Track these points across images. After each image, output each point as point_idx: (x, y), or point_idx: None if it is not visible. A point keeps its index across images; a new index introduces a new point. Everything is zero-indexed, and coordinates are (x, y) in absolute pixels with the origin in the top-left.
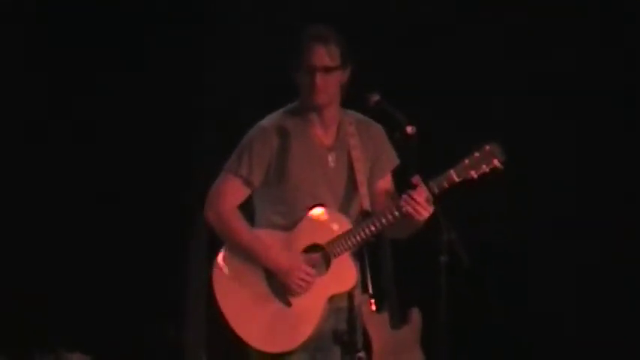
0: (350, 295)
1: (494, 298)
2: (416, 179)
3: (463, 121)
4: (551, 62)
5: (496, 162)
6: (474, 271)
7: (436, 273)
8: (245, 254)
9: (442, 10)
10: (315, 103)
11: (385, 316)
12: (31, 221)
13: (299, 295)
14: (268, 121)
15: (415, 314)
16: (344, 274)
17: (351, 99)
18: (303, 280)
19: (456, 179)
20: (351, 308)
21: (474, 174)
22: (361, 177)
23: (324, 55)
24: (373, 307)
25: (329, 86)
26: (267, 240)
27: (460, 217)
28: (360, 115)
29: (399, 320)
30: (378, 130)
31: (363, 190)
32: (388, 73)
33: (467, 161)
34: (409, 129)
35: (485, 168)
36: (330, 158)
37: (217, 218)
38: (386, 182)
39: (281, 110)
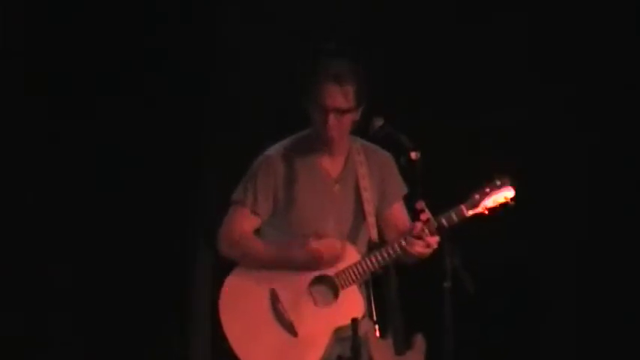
0: (354, 321)
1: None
2: (420, 204)
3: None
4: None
5: (507, 198)
6: (478, 296)
7: (440, 298)
8: (267, 264)
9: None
10: (327, 139)
11: (389, 341)
12: (41, 237)
13: (306, 322)
14: (275, 150)
15: (419, 340)
16: (351, 306)
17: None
18: (334, 248)
19: (467, 214)
20: (355, 334)
21: (484, 209)
22: (369, 207)
23: (339, 96)
24: (377, 333)
25: (342, 125)
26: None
27: (463, 240)
28: (367, 143)
29: (403, 346)
30: (386, 158)
31: (371, 220)
32: (396, 92)
33: (477, 196)
34: (413, 154)
35: (495, 203)
36: (337, 189)
37: (231, 249)
38: (396, 211)
39: (289, 138)
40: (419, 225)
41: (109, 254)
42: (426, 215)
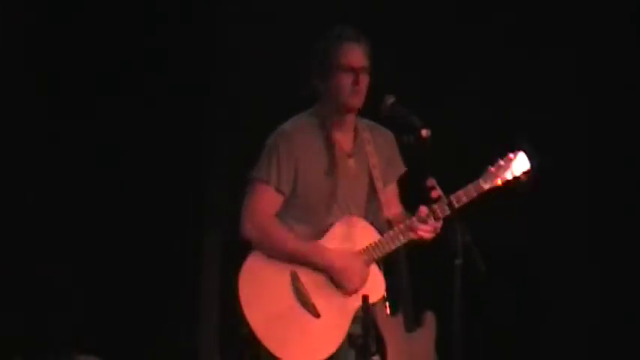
0: (364, 298)
1: (508, 302)
2: (431, 182)
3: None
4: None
5: (521, 170)
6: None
7: (451, 276)
8: (290, 259)
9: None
10: (354, 105)
11: (399, 319)
12: (50, 229)
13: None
14: (291, 125)
15: (429, 317)
16: (374, 284)
17: (366, 102)
18: (360, 280)
19: (485, 188)
20: (365, 312)
21: (499, 182)
22: (379, 184)
23: (362, 55)
24: (387, 311)
25: (365, 87)
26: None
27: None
28: (370, 122)
29: (413, 323)
30: (389, 136)
31: (382, 197)
32: (406, 75)
33: (493, 169)
34: (424, 132)
35: (509, 176)
36: (351, 164)
37: (257, 231)
38: (391, 190)
39: (297, 116)
40: (423, 209)
41: (112, 253)
42: (437, 192)
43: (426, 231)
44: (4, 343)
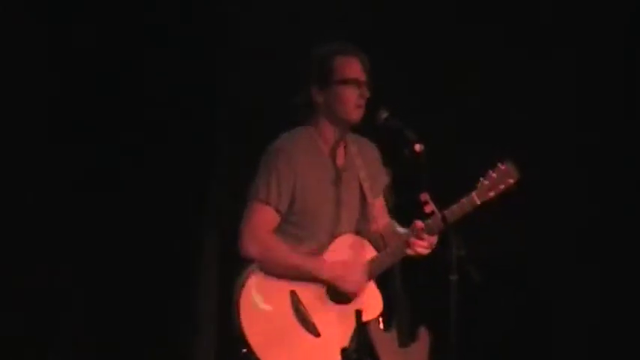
0: (357, 313)
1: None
2: (424, 196)
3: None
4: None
5: (511, 181)
6: (485, 288)
7: (446, 291)
8: (293, 275)
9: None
10: (357, 118)
11: (393, 334)
12: (49, 229)
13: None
14: (288, 141)
15: (424, 332)
16: (371, 302)
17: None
18: (358, 281)
19: (478, 202)
20: (359, 326)
21: (492, 194)
22: (370, 197)
23: (362, 69)
24: (381, 325)
25: (365, 102)
26: None
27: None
28: (355, 135)
29: (407, 338)
30: (374, 149)
31: (373, 211)
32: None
33: (486, 182)
34: (417, 147)
35: (501, 187)
36: (344, 179)
37: (259, 249)
38: (378, 203)
39: (296, 130)
40: (420, 224)
41: (112, 254)
42: (431, 207)
43: (423, 247)
44: (4, 343)
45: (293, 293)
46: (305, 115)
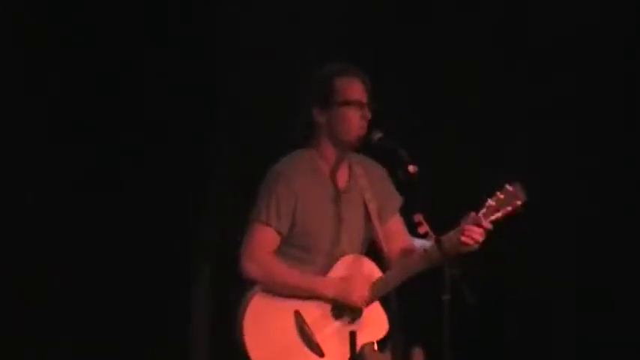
0: (352, 334)
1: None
2: (418, 217)
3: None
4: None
5: (518, 202)
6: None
7: (440, 311)
8: (294, 294)
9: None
10: (357, 139)
11: (387, 355)
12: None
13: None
14: (287, 166)
15: (418, 353)
16: (376, 322)
17: None
18: (363, 290)
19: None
20: (352, 347)
21: (499, 215)
22: (375, 219)
23: (364, 90)
24: (375, 347)
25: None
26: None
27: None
28: (361, 156)
29: (401, 359)
30: (381, 170)
31: (378, 232)
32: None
33: (492, 203)
34: (411, 168)
35: (508, 208)
36: (346, 200)
37: (260, 268)
38: (396, 222)
39: (296, 152)
40: (472, 214)
41: (112, 254)
42: (424, 228)
43: (480, 233)
44: (4, 343)
45: (297, 313)
46: (306, 136)
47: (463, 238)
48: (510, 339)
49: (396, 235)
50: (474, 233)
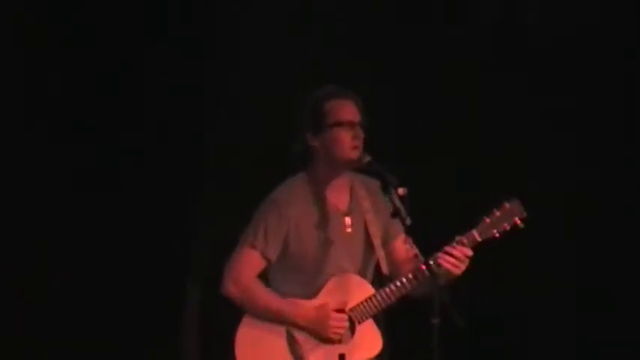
0: (341, 356)
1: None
2: (407, 240)
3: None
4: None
5: (517, 219)
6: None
7: (429, 335)
8: (272, 319)
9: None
10: (353, 158)
11: None
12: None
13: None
14: (281, 193)
15: None
16: (369, 340)
17: None
18: (337, 326)
19: (479, 239)
20: None
21: (495, 233)
22: (377, 240)
23: (355, 110)
24: None
25: (362, 142)
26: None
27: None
28: (366, 177)
29: None
30: None
31: (381, 253)
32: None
33: (488, 220)
34: (400, 190)
35: (506, 226)
36: (346, 222)
37: (239, 290)
38: (402, 242)
39: (292, 179)
40: (458, 238)
41: (112, 254)
42: (413, 251)
43: (449, 262)
44: (4, 343)
45: (289, 334)
46: (303, 162)
47: (441, 262)
48: (510, 340)
49: (402, 255)
50: (456, 259)
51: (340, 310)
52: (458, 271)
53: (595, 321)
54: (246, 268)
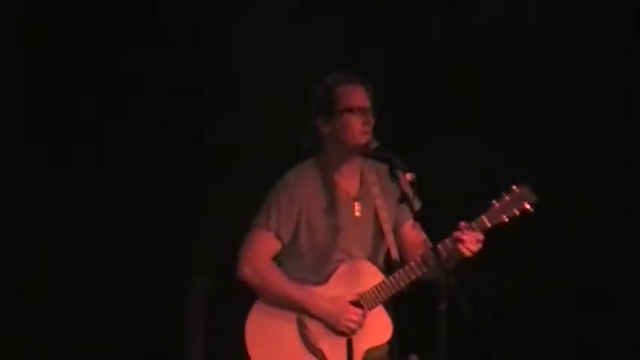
0: (348, 342)
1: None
2: (415, 225)
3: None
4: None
5: (526, 205)
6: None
7: (435, 319)
8: (286, 305)
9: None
10: (362, 144)
11: None
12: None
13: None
14: (293, 175)
15: None
16: (380, 327)
17: None
18: (352, 320)
19: (489, 225)
20: (350, 356)
21: (505, 218)
22: (387, 225)
23: (366, 95)
24: None
25: (371, 128)
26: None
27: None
28: (376, 163)
29: None
30: None
31: (390, 239)
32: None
33: (498, 205)
34: (408, 176)
35: (515, 211)
36: (356, 208)
37: (255, 273)
38: (410, 227)
39: (303, 164)
40: (463, 223)
41: (112, 254)
42: (422, 237)
43: (473, 242)
44: (4, 343)
45: (300, 321)
46: (314, 147)
47: (460, 247)
48: (510, 340)
49: (411, 241)
50: (468, 243)
51: (357, 304)
52: (469, 253)
53: (595, 321)
54: (260, 250)
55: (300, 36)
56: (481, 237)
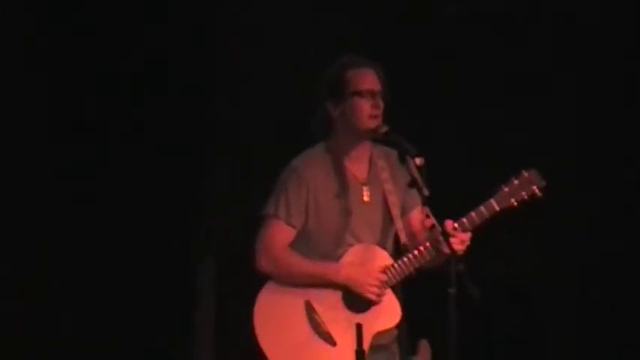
0: (358, 326)
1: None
2: (425, 210)
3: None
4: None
5: (535, 189)
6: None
7: (445, 304)
8: (310, 284)
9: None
10: (371, 127)
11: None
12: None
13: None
14: (300, 160)
15: (424, 345)
16: (389, 310)
17: None
18: (377, 285)
19: (497, 208)
20: (359, 340)
21: (513, 202)
22: (395, 210)
23: (376, 79)
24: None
25: (381, 112)
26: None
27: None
28: (386, 148)
29: (408, 352)
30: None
31: (399, 224)
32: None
33: (506, 189)
34: (417, 160)
35: (524, 195)
36: (365, 193)
37: (273, 264)
38: (419, 212)
39: (312, 149)
40: (449, 223)
41: (112, 254)
42: (431, 221)
43: (456, 243)
44: (4, 343)
45: (307, 303)
46: (323, 131)
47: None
48: (512, 336)
49: (419, 226)
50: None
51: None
52: (460, 251)
53: (595, 321)
54: (275, 240)
55: (300, 36)
56: (466, 238)
